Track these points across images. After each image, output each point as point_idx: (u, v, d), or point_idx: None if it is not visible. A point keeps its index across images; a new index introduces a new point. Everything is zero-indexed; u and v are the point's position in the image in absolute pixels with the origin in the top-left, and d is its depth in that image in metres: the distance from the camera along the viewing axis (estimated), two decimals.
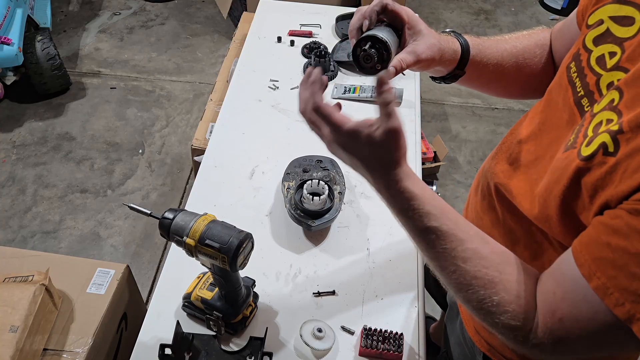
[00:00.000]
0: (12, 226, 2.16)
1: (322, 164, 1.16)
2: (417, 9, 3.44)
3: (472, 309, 0.62)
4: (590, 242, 0.53)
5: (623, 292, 0.49)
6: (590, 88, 0.61)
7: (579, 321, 0.53)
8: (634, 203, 0.49)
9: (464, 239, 0.62)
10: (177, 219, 0.80)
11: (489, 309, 0.59)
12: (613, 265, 0.50)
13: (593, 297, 0.51)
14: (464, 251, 0.61)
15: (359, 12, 0.75)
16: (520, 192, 0.70)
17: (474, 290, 0.60)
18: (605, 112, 0.56)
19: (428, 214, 0.62)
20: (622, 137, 0.51)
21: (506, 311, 0.58)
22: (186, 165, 2.44)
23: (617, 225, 0.50)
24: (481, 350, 0.87)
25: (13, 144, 2.49)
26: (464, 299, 0.62)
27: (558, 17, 3.49)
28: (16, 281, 1.18)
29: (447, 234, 0.61)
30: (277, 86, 1.45)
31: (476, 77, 0.83)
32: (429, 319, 1.78)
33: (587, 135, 0.56)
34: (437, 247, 0.62)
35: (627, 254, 0.49)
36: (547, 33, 0.85)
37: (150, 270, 2.05)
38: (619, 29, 0.60)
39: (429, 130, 2.66)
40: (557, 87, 0.70)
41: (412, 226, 0.64)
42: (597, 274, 0.51)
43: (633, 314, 0.49)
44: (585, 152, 0.55)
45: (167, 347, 0.85)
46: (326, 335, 0.89)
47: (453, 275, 0.61)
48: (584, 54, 0.64)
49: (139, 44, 3.11)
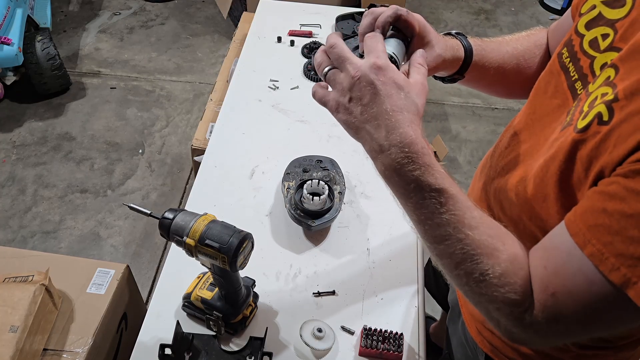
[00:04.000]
0: (12, 226, 2.16)
1: (322, 164, 1.16)
2: (417, 9, 3.44)
3: (472, 283, 0.58)
4: (585, 211, 0.52)
5: (619, 257, 0.48)
6: (584, 71, 0.61)
7: (573, 295, 0.52)
8: (629, 165, 0.48)
9: (470, 205, 0.59)
10: (177, 219, 0.80)
11: (491, 281, 0.56)
12: (609, 231, 0.49)
13: (588, 267, 0.50)
14: (472, 218, 0.57)
15: (370, 16, 0.70)
16: (519, 180, 0.69)
17: (479, 260, 0.56)
18: (600, 88, 0.56)
19: (440, 172, 0.58)
20: (616, 105, 0.51)
21: (508, 283, 0.56)
22: (186, 165, 2.44)
23: (613, 190, 0.49)
24: (483, 351, 0.87)
25: (13, 144, 2.49)
26: (465, 271, 0.58)
27: (558, 17, 3.49)
28: (16, 281, 1.18)
29: (456, 198, 0.57)
30: (277, 86, 1.45)
31: (478, 79, 0.83)
32: (429, 319, 1.79)
33: (582, 111, 0.56)
34: (446, 213, 0.57)
35: (624, 216, 0.48)
36: (544, 33, 0.86)
37: (150, 270, 2.05)
38: (611, 12, 0.60)
39: (429, 130, 2.66)
40: (546, 76, 0.70)
41: (422, 186, 0.57)
42: (592, 240, 0.50)
43: (629, 278, 0.47)
44: (580, 125, 0.55)
45: (167, 347, 0.85)
46: (326, 335, 0.89)
47: (458, 244, 0.57)
48: (576, 39, 0.64)
49: (139, 44, 3.11)
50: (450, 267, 0.60)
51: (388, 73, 0.58)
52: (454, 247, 0.57)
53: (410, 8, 0.78)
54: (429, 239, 0.60)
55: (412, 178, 0.57)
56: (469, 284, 0.58)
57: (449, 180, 0.58)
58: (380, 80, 0.58)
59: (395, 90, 0.58)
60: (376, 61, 0.58)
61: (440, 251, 0.59)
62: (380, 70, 0.58)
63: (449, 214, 0.57)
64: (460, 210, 0.57)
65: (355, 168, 1.23)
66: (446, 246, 0.58)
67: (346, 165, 1.20)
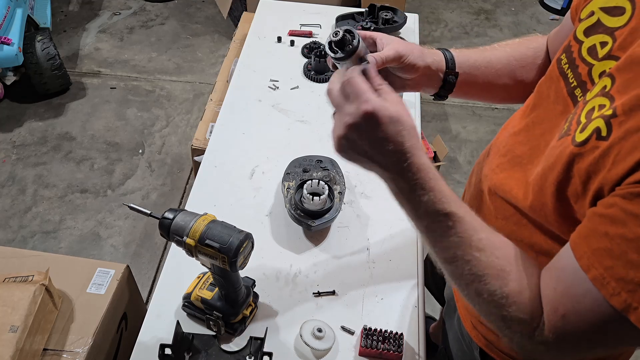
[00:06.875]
0: (12, 226, 2.16)
1: (322, 164, 1.16)
2: (417, 9, 3.44)
3: (482, 303, 0.60)
4: (589, 234, 0.53)
5: (619, 282, 0.49)
6: (583, 78, 0.62)
7: (582, 316, 0.53)
8: (628, 187, 0.48)
9: (477, 227, 0.60)
10: (177, 219, 0.80)
11: (499, 301, 0.58)
12: (610, 255, 0.49)
13: (593, 290, 0.51)
14: (479, 240, 0.59)
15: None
16: (516, 183, 0.69)
17: (487, 281, 0.58)
18: (597, 99, 0.56)
19: (447, 196, 0.60)
20: (615, 121, 0.51)
21: (515, 302, 0.57)
22: (186, 165, 2.44)
23: (613, 214, 0.50)
24: (478, 345, 0.87)
25: (13, 144, 2.49)
26: (475, 292, 0.60)
27: (558, 17, 3.49)
28: (16, 281, 1.18)
29: (464, 221, 0.59)
30: (277, 86, 1.45)
31: (469, 84, 0.84)
32: (429, 318, 1.78)
33: (580, 121, 0.57)
34: (454, 235, 0.59)
35: (625, 240, 0.48)
36: (542, 38, 0.87)
37: (150, 270, 2.05)
38: (610, 19, 0.60)
39: (429, 130, 2.66)
40: (547, 81, 0.71)
41: (430, 210, 0.60)
42: (595, 264, 0.51)
43: (629, 304, 0.48)
44: (579, 138, 0.55)
45: (167, 347, 0.85)
46: (326, 335, 0.89)
47: (466, 265, 0.59)
48: (575, 45, 0.64)
49: (139, 44, 3.11)
50: (461, 286, 0.62)
51: (379, 113, 0.58)
52: (463, 268, 0.60)
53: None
54: (440, 259, 0.63)
55: (421, 202, 0.60)
56: (479, 304, 0.61)
57: (457, 203, 0.60)
58: (375, 126, 0.58)
59: (393, 127, 0.58)
60: (365, 107, 0.58)
61: (451, 272, 0.62)
62: (373, 115, 0.58)
63: (457, 237, 0.59)
64: (468, 232, 0.59)
65: (355, 168, 1.22)
66: (456, 267, 0.61)
67: (346, 165, 1.19)
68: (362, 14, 1.67)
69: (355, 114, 0.59)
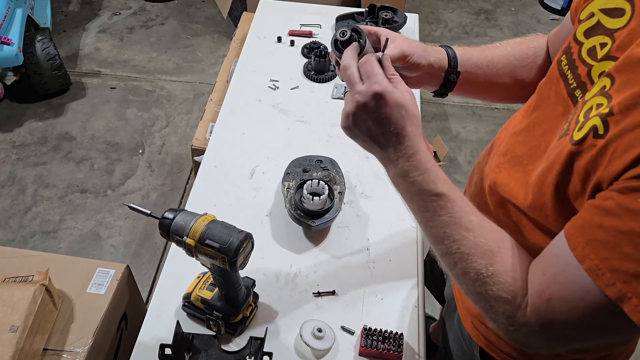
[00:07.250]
0: (12, 226, 2.16)
1: (322, 164, 1.16)
2: (417, 9, 3.44)
3: (468, 282, 0.62)
4: (584, 224, 0.53)
5: (614, 273, 0.49)
6: (582, 79, 0.62)
7: (568, 302, 0.54)
8: (624, 182, 0.49)
9: (469, 210, 0.64)
10: (177, 219, 0.80)
11: (484, 280, 0.60)
12: (605, 247, 0.50)
13: (584, 278, 0.52)
14: (470, 222, 0.62)
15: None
16: (516, 183, 0.70)
17: (473, 259, 0.61)
18: (596, 98, 0.57)
19: (441, 179, 0.64)
20: (611, 119, 0.52)
21: (499, 282, 0.59)
22: (186, 165, 2.44)
23: (608, 207, 0.51)
24: (478, 345, 0.87)
25: (13, 144, 2.49)
26: (462, 270, 0.62)
27: (558, 17, 3.49)
28: (16, 281, 1.18)
29: (455, 203, 0.63)
30: (277, 86, 1.45)
31: (470, 82, 0.84)
32: (428, 318, 1.78)
33: (578, 121, 0.57)
34: (445, 215, 0.63)
35: (620, 233, 0.49)
36: (542, 37, 0.87)
37: (150, 270, 2.05)
38: (610, 21, 0.61)
39: (429, 130, 2.66)
40: (548, 82, 0.71)
41: (424, 190, 0.64)
42: (590, 255, 0.51)
43: (624, 294, 0.49)
44: (576, 137, 0.56)
45: (167, 347, 0.85)
46: (326, 335, 0.89)
47: (455, 244, 0.62)
48: (575, 47, 0.65)
49: (139, 44, 3.11)
50: (450, 265, 0.65)
51: (387, 96, 0.63)
52: (451, 246, 0.62)
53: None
54: (431, 239, 0.66)
55: (415, 183, 0.64)
56: (466, 283, 0.63)
57: (449, 185, 0.64)
58: (382, 106, 0.63)
59: (397, 111, 0.63)
60: (375, 88, 0.63)
61: (441, 250, 0.65)
62: (381, 96, 0.63)
63: (447, 216, 0.63)
64: (458, 213, 0.63)
65: (355, 168, 1.23)
66: (445, 246, 0.63)
67: (346, 165, 1.20)
68: (362, 14, 1.67)
69: (365, 93, 0.63)
